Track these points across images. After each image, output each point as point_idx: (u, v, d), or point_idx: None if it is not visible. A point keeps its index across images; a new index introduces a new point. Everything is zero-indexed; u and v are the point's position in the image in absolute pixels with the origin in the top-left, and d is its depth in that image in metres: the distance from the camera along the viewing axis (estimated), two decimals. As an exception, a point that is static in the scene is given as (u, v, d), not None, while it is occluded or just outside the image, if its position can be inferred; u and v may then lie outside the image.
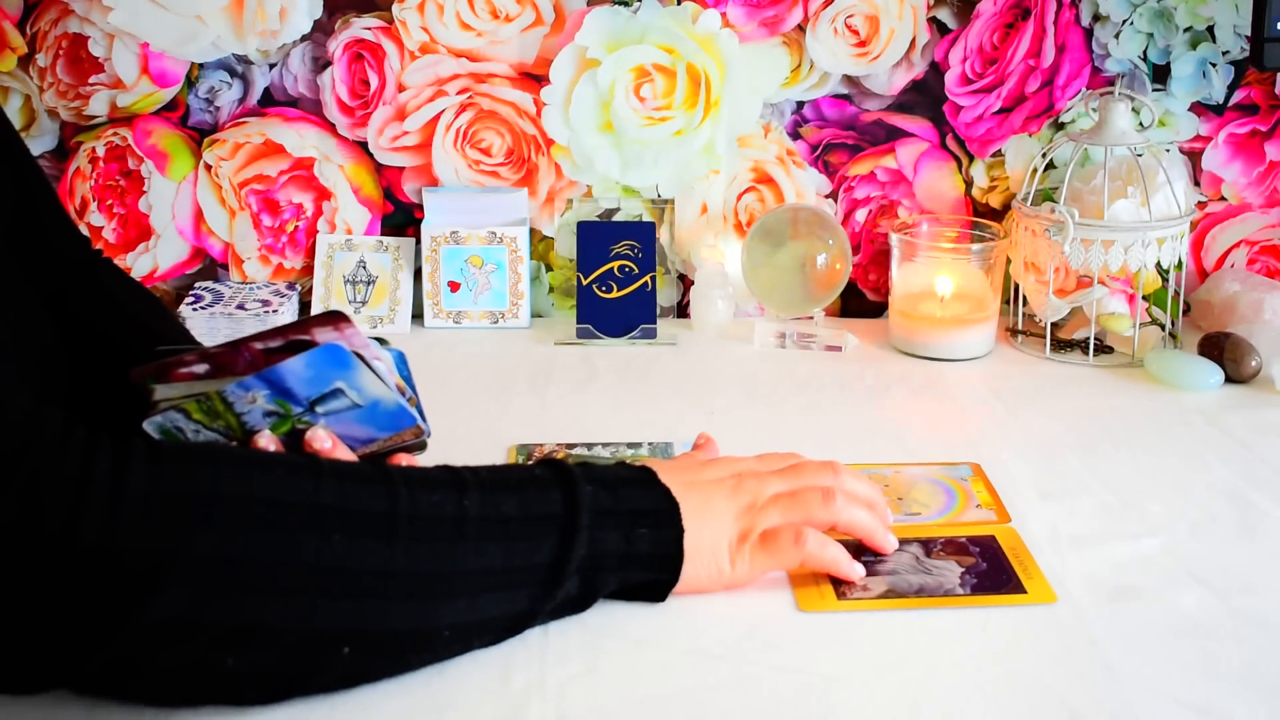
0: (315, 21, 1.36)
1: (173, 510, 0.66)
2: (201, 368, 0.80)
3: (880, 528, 0.88)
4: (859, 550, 0.88)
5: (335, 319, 0.80)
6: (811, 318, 1.34)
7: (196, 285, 1.40)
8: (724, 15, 1.36)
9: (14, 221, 0.91)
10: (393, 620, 0.71)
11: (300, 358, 0.78)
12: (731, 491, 0.84)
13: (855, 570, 0.85)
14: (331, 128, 1.39)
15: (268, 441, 0.79)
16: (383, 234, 1.42)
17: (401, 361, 0.86)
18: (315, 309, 1.39)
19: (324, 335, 0.80)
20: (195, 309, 1.33)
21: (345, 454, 0.81)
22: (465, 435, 1.09)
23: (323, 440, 0.80)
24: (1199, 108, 1.39)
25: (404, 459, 0.84)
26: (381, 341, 0.85)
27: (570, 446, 1.07)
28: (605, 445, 1.07)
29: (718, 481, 0.85)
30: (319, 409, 0.80)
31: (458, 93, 1.38)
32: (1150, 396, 1.20)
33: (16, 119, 1.37)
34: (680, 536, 0.81)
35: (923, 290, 1.31)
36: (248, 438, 0.79)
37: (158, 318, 1.02)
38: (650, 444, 1.07)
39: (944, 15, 1.37)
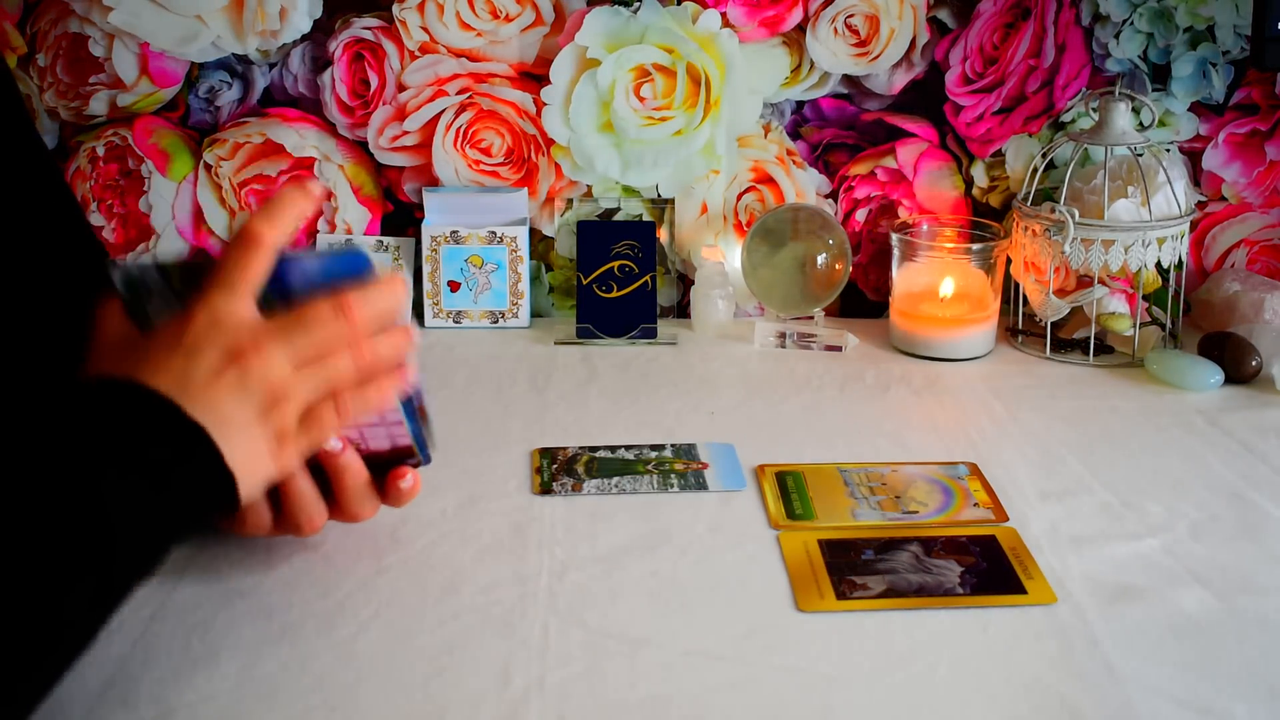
0: (315, 21, 1.36)
1: None
2: None
3: (405, 350, 0.78)
4: (872, 548, 0.88)
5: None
6: (811, 318, 1.34)
7: (196, 285, 1.40)
8: (724, 15, 1.36)
9: (41, 223, 0.91)
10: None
11: (321, 260, 0.75)
12: (237, 388, 0.71)
13: (399, 387, 0.78)
14: (331, 128, 1.39)
15: None
16: (383, 234, 1.42)
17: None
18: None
19: None
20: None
21: (353, 459, 0.82)
22: (465, 435, 1.09)
23: (334, 444, 0.80)
24: (1199, 108, 1.39)
25: (408, 474, 0.85)
26: None
27: (593, 450, 1.06)
28: (629, 448, 1.06)
29: (215, 376, 0.71)
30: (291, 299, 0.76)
31: (458, 93, 1.38)
32: (1150, 396, 1.20)
33: (16, 119, 1.38)
34: (234, 488, 0.71)
35: (923, 290, 1.31)
36: None
37: None
38: (673, 446, 1.07)
39: (944, 15, 1.37)
